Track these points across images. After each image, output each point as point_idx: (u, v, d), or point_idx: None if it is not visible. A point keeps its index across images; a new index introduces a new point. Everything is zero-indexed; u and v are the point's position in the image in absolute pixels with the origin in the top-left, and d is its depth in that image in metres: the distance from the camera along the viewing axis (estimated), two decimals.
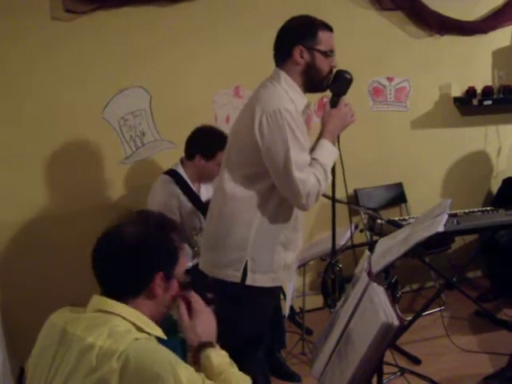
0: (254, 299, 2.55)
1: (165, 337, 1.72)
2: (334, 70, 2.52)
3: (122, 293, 1.65)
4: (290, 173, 2.34)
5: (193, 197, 3.53)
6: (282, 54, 2.49)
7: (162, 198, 3.46)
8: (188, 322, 1.83)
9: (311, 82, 2.50)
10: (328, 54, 2.46)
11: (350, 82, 2.52)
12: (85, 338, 1.54)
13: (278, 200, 2.48)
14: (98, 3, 3.67)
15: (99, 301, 1.65)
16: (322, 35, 2.45)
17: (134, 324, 1.62)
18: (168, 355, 1.54)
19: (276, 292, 2.68)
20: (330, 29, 2.49)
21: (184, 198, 3.50)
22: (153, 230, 1.69)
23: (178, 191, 3.49)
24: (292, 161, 2.33)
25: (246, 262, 2.49)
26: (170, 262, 1.70)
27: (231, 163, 2.52)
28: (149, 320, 1.67)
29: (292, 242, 2.58)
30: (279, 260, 2.54)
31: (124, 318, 1.61)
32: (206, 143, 3.44)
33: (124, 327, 1.58)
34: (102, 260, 1.67)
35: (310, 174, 2.38)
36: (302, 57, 2.44)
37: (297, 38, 2.45)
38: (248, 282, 2.50)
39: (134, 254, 1.64)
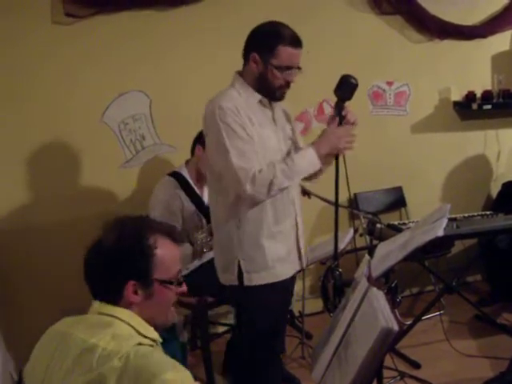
0: (259, 299, 2.54)
1: (161, 340, 1.70)
2: (291, 84, 2.51)
3: (108, 298, 1.64)
4: (229, 161, 2.36)
5: (195, 198, 3.53)
6: (244, 56, 2.54)
7: (164, 199, 3.48)
8: None
9: (263, 90, 2.51)
10: (282, 69, 2.44)
11: (355, 87, 2.49)
12: (87, 339, 1.54)
13: None
14: (98, 8, 3.68)
15: (99, 305, 1.65)
16: (282, 51, 2.42)
17: (133, 328, 1.61)
18: (167, 359, 1.54)
19: (281, 286, 2.62)
20: (295, 45, 2.44)
21: (186, 199, 3.52)
22: (125, 239, 1.65)
23: (181, 192, 3.51)
24: (229, 150, 2.35)
25: (239, 263, 2.50)
26: (143, 270, 1.65)
27: (211, 169, 2.58)
28: (147, 324, 1.66)
29: (278, 233, 2.55)
30: (271, 254, 2.52)
31: (124, 322, 1.61)
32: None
33: (127, 331, 1.58)
34: (85, 269, 1.68)
35: (253, 162, 2.37)
36: (256, 65, 2.47)
37: (255, 46, 2.48)
38: (245, 282, 2.50)
39: (105, 264, 1.63)
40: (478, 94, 4.66)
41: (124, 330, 1.58)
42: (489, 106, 4.61)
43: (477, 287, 4.87)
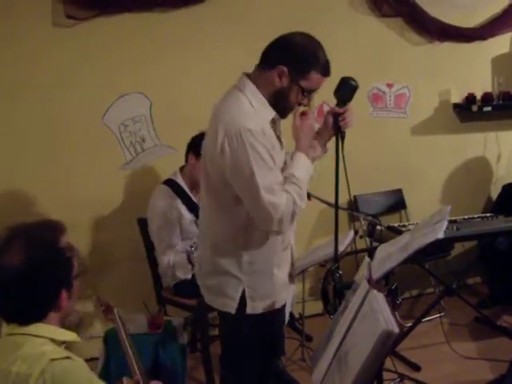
0: (259, 327, 2.40)
1: (79, 339, 1.68)
2: (301, 108, 2.35)
3: (29, 319, 1.60)
4: (259, 198, 2.15)
5: (192, 206, 3.53)
6: (265, 61, 2.29)
7: (162, 210, 3.50)
8: None
9: (275, 106, 2.28)
10: (306, 93, 2.28)
11: (355, 89, 2.47)
12: None
13: None
14: (98, 10, 3.68)
15: (10, 327, 1.61)
16: (314, 76, 2.25)
17: (47, 338, 1.59)
18: (85, 374, 1.53)
19: (282, 311, 2.52)
20: (326, 74, 2.29)
21: (183, 208, 3.52)
22: (41, 249, 1.60)
23: (178, 202, 3.51)
24: (259, 185, 2.14)
25: (244, 290, 2.34)
26: (68, 275, 1.64)
27: (210, 186, 2.34)
28: (60, 329, 1.64)
29: (283, 259, 2.45)
30: (278, 281, 2.41)
31: (36, 336, 1.58)
32: (197, 142, 3.41)
33: (39, 348, 1.54)
34: None
35: (282, 196, 2.19)
36: (280, 79, 2.23)
37: (288, 59, 2.23)
38: (248, 310, 2.35)
39: (30, 282, 1.57)
40: (478, 96, 4.67)
41: (35, 348, 1.54)
42: (489, 108, 4.62)
43: (477, 289, 4.86)
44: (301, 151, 2.33)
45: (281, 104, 2.29)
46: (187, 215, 3.52)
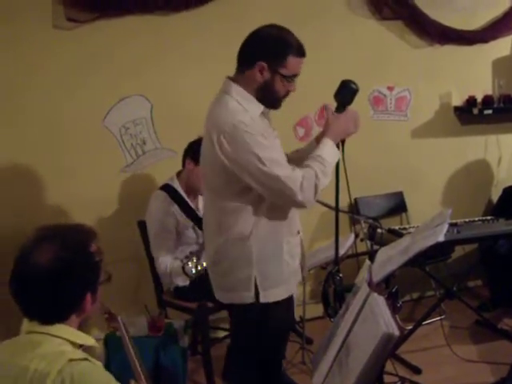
0: (275, 316, 2.46)
1: (97, 344, 1.70)
2: (290, 93, 2.43)
3: (51, 318, 1.62)
4: (273, 173, 2.25)
5: (189, 211, 3.53)
6: (243, 62, 2.39)
7: (159, 217, 3.50)
8: None
9: (264, 100, 2.39)
10: (290, 79, 2.36)
11: (355, 92, 2.49)
12: (16, 362, 1.52)
13: (268, 208, 2.39)
14: (99, 12, 3.68)
15: (31, 324, 1.63)
16: (292, 60, 2.33)
17: (66, 339, 1.60)
18: (103, 377, 1.54)
19: (291, 302, 2.60)
20: (302, 54, 2.37)
21: (180, 214, 3.52)
22: (72, 251, 1.62)
23: (174, 207, 3.51)
24: (268, 161, 2.24)
25: (255, 279, 2.40)
26: (95, 280, 1.67)
27: (213, 187, 2.44)
28: (79, 332, 1.65)
29: (294, 247, 2.51)
30: (289, 269, 2.47)
31: (56, 336, 1.59)
32: (195, 147, 3.41)
33: (58, 347, 1.56)
34: (24, 289, 1.61)
35: (295, 169, 2.30)
36: (261, 74, 2.33)
37: (263, 54, 2.32)
38: (262, 299, 2.41)
39: (58, 282, 1.59)
40: (479, 99, 4.67)
41: (54, 347, 1.56)
42: (489, 111, 4.62)
43: (477, 292, 4.86)
44: (328, 137, 2.43)
45: (268, 97, 2.39)
46: (184, 221, 3.52)
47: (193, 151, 3.40)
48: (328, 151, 2.40)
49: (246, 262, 2.40)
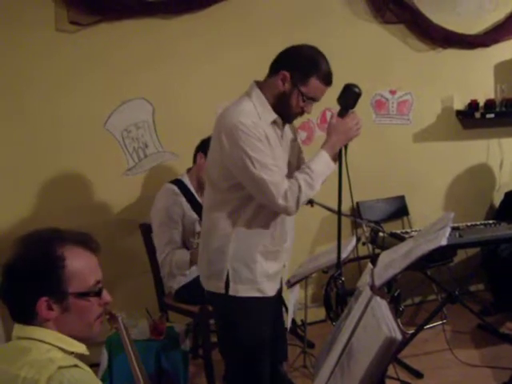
0: (241, 311, 2.55)
1: (87, 352, 1.66)
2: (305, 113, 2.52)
3: (21, 318, 1.61)
4: (259, 177, 2.34)
5: (196, 206, 3.53)
6: (271, 69, 2.48)
7: (165, 205, 3.49)
8: None
9: (279, 109, 2.48)
10: (306, 99, 2.43)
11: (358, 95, 2.49)
12: (7, 370, 1.50)
13: (255, 210, 2.48)
14: (101, 15, 3.69)
15: (18, 328, 1.62)
16: (314, 82, 2.40)
17: (54, 345, 1.58)
18: (93, 383, 1.54)
19: (266, 303, 2.61)
20: (327, 82, 2.44)
21: (188, 207, 3.52)
22: (29, 254, 1.60)
23: (182, 200, 3.51)
24: (257, 164, 2.34)
25: (228, 272, 2.50)
26: (53, 284, 1.59)
27: (211, 179, 2.55)
28: (68, 338, 1.62)
29: (272, 253, 2.57)
30: (261, 270, 2.54)
31: (44, 342, 1.57)
32: (206, 143, 3.43)
33: (46, 354, 1.54)
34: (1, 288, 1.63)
35: (282, 178, 2.39)
36: (283, 83, 2.41)
37: (290, 65, 2.41)
38: (230, 292, 2.51)
39: (14, 284, 1.59)
40: (481, 103, 4.67)
41: (43, 354, 1.54)
42: (492, 115, 4.62)
43: (479, 296, 4.85)
44: (324, 149, 2.49)
45: (282, 107, 2.47)
46: (190, 213, 3.51)
47: (204, 146, 3.42)
48: (320, 164, 2.45)
49: (223, 254, 2.51)
